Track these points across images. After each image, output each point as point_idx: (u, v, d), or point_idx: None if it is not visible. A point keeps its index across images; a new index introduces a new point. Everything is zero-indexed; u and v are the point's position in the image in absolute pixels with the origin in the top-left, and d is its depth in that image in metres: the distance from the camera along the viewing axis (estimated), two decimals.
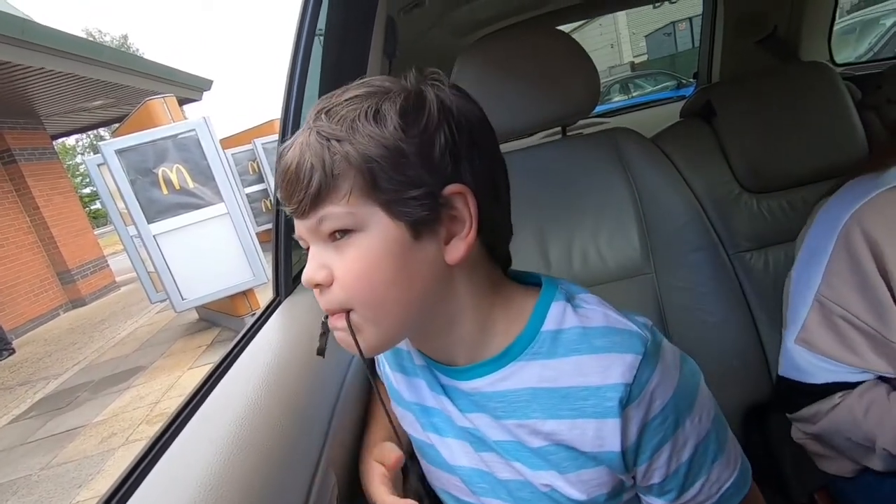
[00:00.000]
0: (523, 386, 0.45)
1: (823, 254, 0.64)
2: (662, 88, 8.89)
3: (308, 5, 0.76)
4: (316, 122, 0.41)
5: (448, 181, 0.41)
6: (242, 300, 3.89)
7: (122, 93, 6.29)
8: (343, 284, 0.42)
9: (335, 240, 0.41)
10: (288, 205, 0.42)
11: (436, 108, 0.41)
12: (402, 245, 0.41)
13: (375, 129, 0.39)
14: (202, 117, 3.49)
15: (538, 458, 0.45)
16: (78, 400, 3.62)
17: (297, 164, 0.40)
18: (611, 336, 0.43)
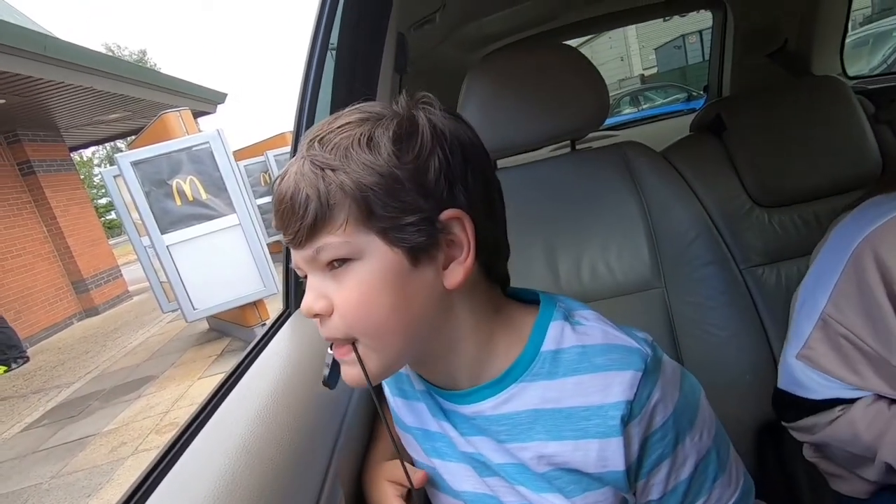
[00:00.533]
0: (525, 408, 0.44)
1: (832, 274, 0.63)
2: (673, 101, 8.88)
3: (321, 21, 0.78)
4: (309, 151, 0.40)
5: (444, 206, 0.41)
6: (252, 310, 3.92)
7: (138, 106, 6.42)
8: (343, 313, 0.41)
9: (333, 269, 0.41)
10: (284, 235, 0.42)
11: (428, 133, 0.41)
12: (400, 272, 0.41)
13: (369, 156, 0.39)
14: (216, 130, 3.55)
15: (542, 482, 0.44)
16: (89, 409, 3.65)
17: (291, 194, 0.40)
18: (610, 353, 0.43)
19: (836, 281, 0.63)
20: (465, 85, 0.88)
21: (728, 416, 0.49)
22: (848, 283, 0.61)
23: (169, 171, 3.50)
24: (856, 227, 0.63)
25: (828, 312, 0.64)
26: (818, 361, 0.63)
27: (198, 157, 3.54)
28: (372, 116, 0.41)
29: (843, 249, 0.63)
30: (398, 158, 0.39)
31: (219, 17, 71.92)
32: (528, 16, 1.58)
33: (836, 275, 0.63)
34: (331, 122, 0.42)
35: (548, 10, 1.56)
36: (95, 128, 7.37)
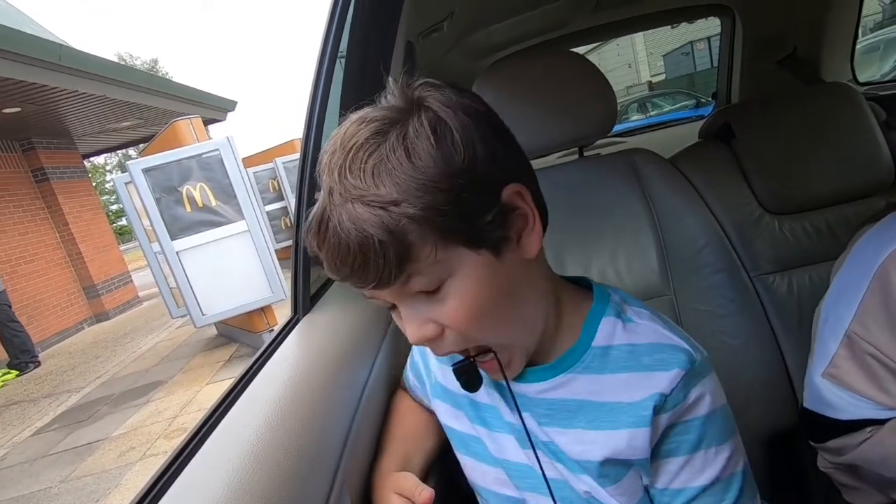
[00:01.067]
0: (572, 397, 0.46)
1: (857, 290, 0.62)
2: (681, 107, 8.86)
3: (331, 29, 0.78)
4: (347, 187, 0.37)
5: (500, 186, 0.40)
6: (260, 316, 3.93)
7: (150, 113, 6.51)
8: (457, 330, 0.41)
9: (427, 293, 0.40)
10: (362, 286, 0.39)
11: (455, 121, 0.38)
12: (491, 269, 0.40)
13: (421, 175, 0.36)
14: (226, 137, 3.59)
15: (577, 465, 0.46)
16: (99, 413, 3.68)
17: (359, 244, 0.36)
18: (658, 353, 0.45)
19: (862, 298, 0.61)
20: (475, 90, 0.89)
21: (738, 425, 0.48)
22: (874, 300, 0.60)
23: (179, 178, 3.54)
24: (879, 242, 0.62)
25: (853, 330, 0.62)
26: (845, 380, 0.62)
27: (208, 164, 3.57)
28: (386, 124, 0.38)
29: (867, 265, 0.62)
30: (448, 164, 0.37)
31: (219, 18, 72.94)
32: (536, 24, 1.59)
33: (860, 291, 0.62)
34: (346, 145, 0.38)
35: (556, 18, 1.57)
36: (108, 135, 7.47)
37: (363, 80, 0.92)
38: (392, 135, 0.38)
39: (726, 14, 1.84)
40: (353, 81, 0.92)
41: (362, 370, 0.66)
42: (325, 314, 0.76)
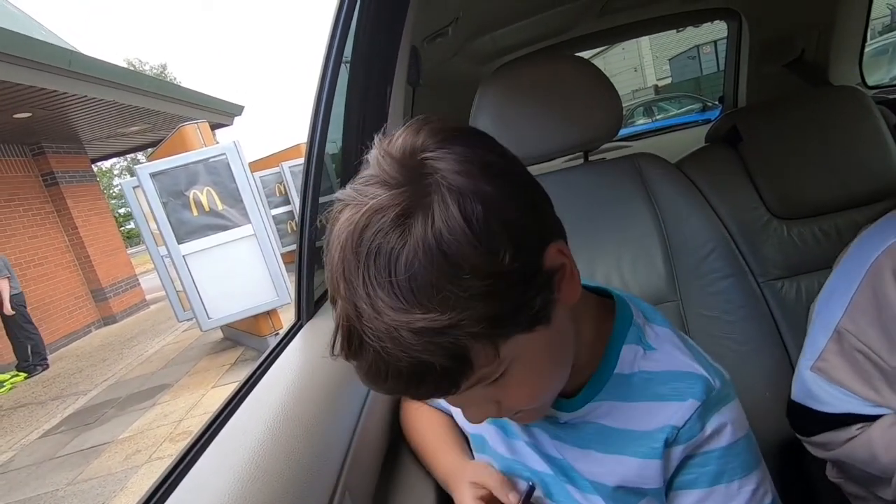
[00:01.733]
0: (591, 421, 0.46)
1: (849, 286, 0.62)
2: (687, 111, 8.83)
3: (336, 33, 0.79)
4: (383, 311, 0.31)
5: (541, 254, 0.36)
6: (266, 320, 3.94)
7: (158, 118, 6.57)
8: (518, 406, 0.41)
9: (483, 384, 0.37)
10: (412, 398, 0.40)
11: (480, 206, 0.32)
12: (546, 340, 0.38)
13: (471, 286, 0.31)
14: (232, 142, 3.62)
15: (589, 486, 0.46)
16: (105, 416, 3.70)
17: (412, 370, 0.32)
18: (674, 382, 0.44)
19: (853, 294, 0.62)
20: (478, 97, 0.88)
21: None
22: (864, 296, 0.60)
23: (186, 182, 3.56)
24: (876, 239, 0.62)
25: (843, 325, 0.63)
26: (832, 374, 0.62)
27: (214, 168, 3.60)
28: (400, 216, 0.32)
29: (861, 262, 0.62)
30: (493, 260, 0.32)
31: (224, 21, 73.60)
32: (541, 29, 1.59)
33: (852, 287, 0.62)
34: (359, 250, 0.32)
35: (561, 22, 1.56)
36: (116, 140, 7.55)
37: (368, 85, 0.92)
38: (415, 231, 0.31)
39: (733, 18, 1.83)
40: (358, 86, 0.92)
41: None
42: (328, 320, 0.76)
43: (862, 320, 0.60)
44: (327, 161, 0.86)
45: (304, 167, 0.82)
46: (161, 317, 6.83)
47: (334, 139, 0.88)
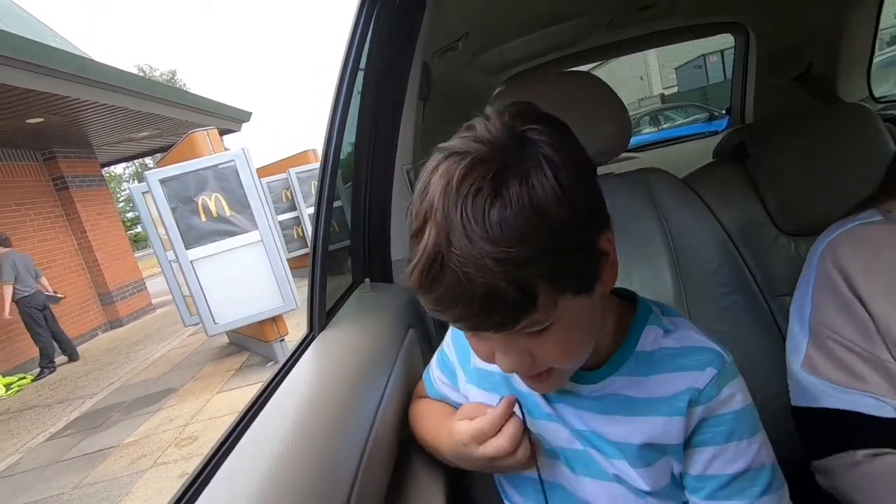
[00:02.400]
0: (616, 393, 0.51)
1: (809, 279, 0.69)
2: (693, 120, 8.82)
3: (352, 45, 0.80)
4: (473, 241, 0.36)
5: (600, 234, 0.43)
6: (271, 326, 3.96)
7: (167, 124, 6.65)
8: (552, 362, 0.45)
9: (530, 332, 0.42)
10: (474, 329, 0.42)
11: (568, 177, 0.38)
12: (587, 310, 0.44)
13: (552, 237, 0.37)
14: (241, 149, 3.65)
15: (614, 449, 0.50)
16: (111, 420, 3.72)
17: (486, 296, 0.37)
18: (694, 355, 0.50)
19: (812, 287, 0.68)
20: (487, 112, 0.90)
21: None
22: (821, 288, 0.66)
23: (195, 188, 3.60)
24: (824, 237, 0.70)
25: (813, 318, 0.68)
26: (819, 370, 0.65)
27: (223, 174, 3.63)
28: (500, 168, 0.37)
29: (813, 257, 0.70)
30: (573, 224, 0.38)
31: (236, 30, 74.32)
32: (549, 42, 1.60)
33: (811, 281, 0.69)
34: (460, 188, 0.37)
35: (569, 36, 1.58)
36: (126, 145, 7.63)
37: (381, 100, 0.93)
38: (513, 183, 0.37)
39: (739, 31, 1.84)
40: (371, 101, 0.93)
41: (375, 391, 0.67)
42: (340, 331, 0.77)
43: (827, 310, 0.65)
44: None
45: (320, 176, 0.83)
46: (167, 321, 6.87)
47: (346, 143, 0.89)
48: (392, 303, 0.93)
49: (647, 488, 0.49)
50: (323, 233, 0.80)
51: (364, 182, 0.98)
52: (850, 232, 0.66)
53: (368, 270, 1.00)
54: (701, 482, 0.49)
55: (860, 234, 0.65)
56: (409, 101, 0.95)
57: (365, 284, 0.96)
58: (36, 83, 4.17)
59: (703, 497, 0.49)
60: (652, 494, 0.50)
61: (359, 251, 1.00)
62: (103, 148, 7.40)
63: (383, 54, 0.90)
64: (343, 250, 1.09)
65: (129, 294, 7.51)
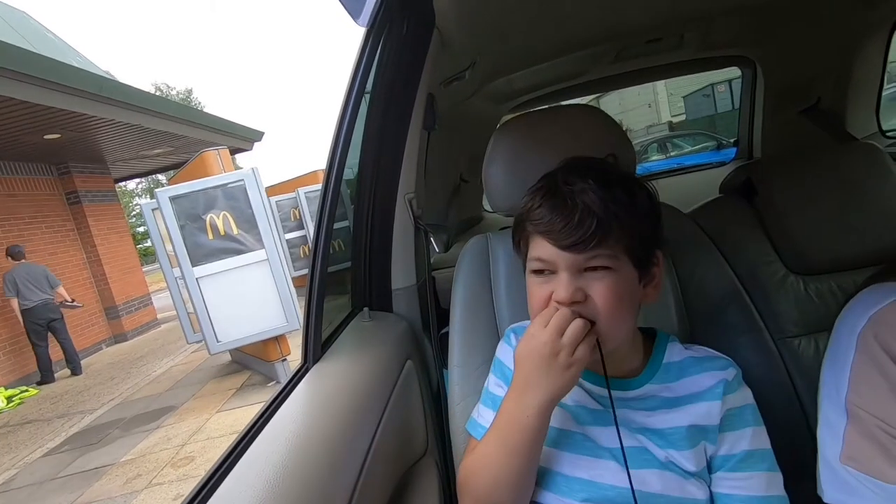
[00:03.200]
0: (654, 395, 0.63)
1: (846, 358, 0.61)
2: (702, 148, 8.84)
3: (357, 73, 0.80)
4: (585, 185, 0.56)
5: (658, 247, 0.62)
6: (274, 345, 3.94)
7: (181, 142, 6.76)
8: (597, 304, 0.56)
9: (592, 270, 0.57)
10: (565, 242, 0.56)
11: (655, 199, 0.62)
12: (634, 285, 0.59)
13: (638, 203, 0.58)
14: (251, 168, 3.69)
15: (664, 439, 0.60)
16: (109, 437, 3.68)
17: (580, 215, 0.55)
18: (716, 360, 0.65)
19: (850, 365, 0.60)
20: (492, 142, 0.89)
21: None
22: (862, 367, 0.58)
23: (204, 206, 3.63)
24: (860, 309, 0.62)
25: (851, 399, 0.59)
26: (866, 464, 0.55)
27: (232, 193, 3.67)
28: (615, 169, 0.62)
29: (850, 333, 0.61)
30: (649, 213, 0.59)
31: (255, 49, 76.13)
32: (557, 72, 1.61)
33: (849, 359, 0.60)
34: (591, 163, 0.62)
35: (576, 67, 1.59)
36: (140, 161, 7.76)
37: (384, 129, 0.93)
38: (620, 176, 0.60)
39: (747, 65, 1.85)
40: (374, 129, 0.93)
41: (369, 425, 0.65)
42: (334, 363, 0.76)
43: (873, 395, 0.57)
44: (342, 187, 0.86)
45: (320, 202, 0.82)
46: (171, 337, 6.87)
47: (351, 164, 0.89)
48: (390, 333, 0.91)
49: (692, 469, 0.59)
50: (321, 260, 0.79)
51: (366, 210, 0.98)
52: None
53: (368, 299, 0.99)
54: (727, 459, 0.61)
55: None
56: (413, 130, 0.95)
57: (363, 313, 0.95)
58: (58, 101, 4.28)
59: (728, 469, 0.61)
60: (693, 475, 0.59)
61: (359, 279, 0.99)
62: (117, 164, 7.53)
63: (389, 83, 0.90)
64: (345, 271, 1.08)
65: (136, 309, 7.53)
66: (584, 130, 0.87)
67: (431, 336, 1.00)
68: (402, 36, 0.87)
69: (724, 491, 0.61)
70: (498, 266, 0.86)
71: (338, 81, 1.91)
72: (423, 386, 0.93)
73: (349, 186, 1.01)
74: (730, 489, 0.60)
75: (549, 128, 0.86)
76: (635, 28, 1.35)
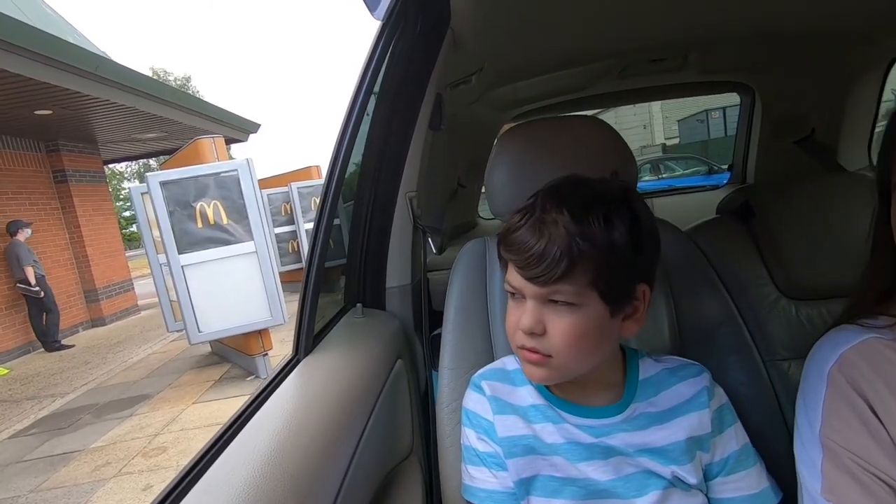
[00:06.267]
0: (643, 412, 0.62)
1: (818, 393, 0.61)
2: (693, 172, 8.98)
3: (368, 70, 0.80)
4: (559, 216, 0.53)
5: (641, 281, 0.57)
6: (256, 339, 3.89)
7: (175, 128, 6.68)
8: (554, 340, 0.55)
9: (554, 303, 0.55)
10: (527, 273, 0.54)
11: (645, 229, 0.56)
12: (602, 320, 0.56)
13: (613, 237, 0.53)
14: (245, 159, 3.66)
15: (663, 457, 0.60)
16: (80, 422, 3.59)
17: (544, 249, 0.53)
18: (687, 367, 0.66)
19: (823, 400, 0.60)
20: (496, 150, 0.89)
21: None
22: (834, 405, 0.58)
23: (195, 194, 3.58)
24: (827, 349, 0.62)
25: (826, 434, 0.60)
26: (843, 496, 0.55)
27: (224, 182, 3.62)
28: (602, 195, 0.56)
29: (822, 368, 0.62)
30: (625, 248, 0.54)
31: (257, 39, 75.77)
32: (561, 84, 1.63)
33: (821, 394, 0.61)
34: (573, 188, 0.57)
35: (581, 80, 1.61)
36: (131, 144, 7.65)
37: (391, 127, 0.93)
38: (604, 205, 0.54)
39: (747, 92, 1.88)
40: (381, 128, 0.93)
41: (358, 422, 0.64)
42: (326, 356, 0.75)
43: (839, 426, 0.57)
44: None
45: (322, 195, 0.81)
46: (151, 324, 6.75)
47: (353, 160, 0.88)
48: (383, 331, 0.90)
49: (693, 482, 0.60)
50: (319, 253, 0.78)
51: (366, 205, 0.97)
52: (866, 345, 0.60)
53: (362, 295, 0.98)
54: (723, 465, 0.62)
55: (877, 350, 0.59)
56: (420, 129, 0.95)
57: (356, 309, 0.94)
58: (52, 77, 4.20)
59: (725, 474, 0.62)
60: (694, 487, 0.61)
61: (354, 275, 0.98)
62: (108, 145, 7.41)
63: (399, 80, 0.90)
64: (336, 268, 1.07)
65: (116, 293, 7.39)
66: (589, 142, 0.88)
67: (423, 336, 0.99)
68: (415, 32, 0.87)
69: (724, 496, 0.62)
70: (494, 270, 0.86)
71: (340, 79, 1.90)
72: (412, 386, 0.92)
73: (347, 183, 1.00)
74: (730, 492, 0.62)
75: (555, 137, 0.86)
76: (641, 46, 1.36)
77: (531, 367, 0.58)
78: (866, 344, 0.59)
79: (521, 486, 0.63)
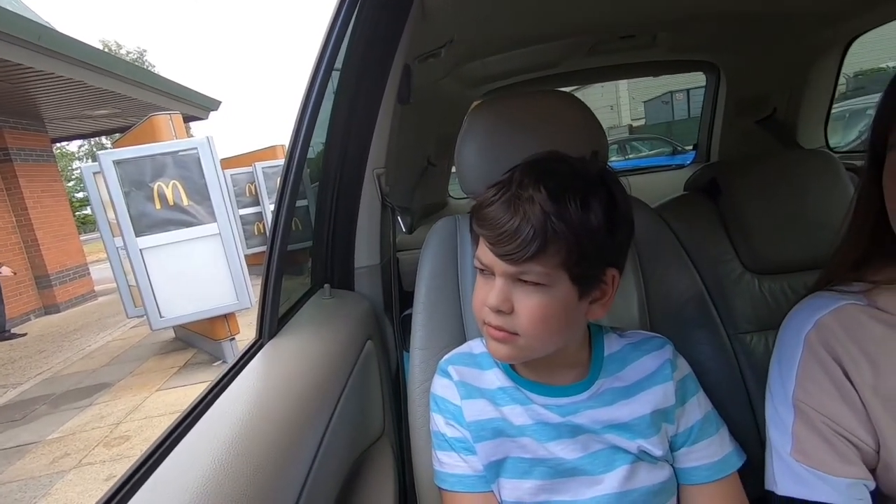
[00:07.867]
0: (608, 388, 0.63)
1: (792, 359, 0.62)
2: (658, 153, 9.17)
3: (329, 41, 0.76)
4: (536, 193, 0.52)
5: (611, 264, 0.57)
6: (222, 323, 3.79)
7: (129, 104, 6.34)
8: (522, 319, 0.55)
9: (523, 282, 0.54)
10: (498, 250, 0.53)
11: (622, 212, 0.55)
12: (570, 302, 0.55)
13: (586, 218, 0.52)
14: (206, 137, 3.50)
15: (629, 431, 0.61)
16: (35, 413, 3.44)
17: (518, 226, 0.52)
18: (649, 341, 0.67)
19: (798, 364, 0.62)
20: (466, 124, 0.87)
21: None
22: (809, 368, 0.60)
23: (152, 174, 3.42)
24: (805, 314, 0.64)
25: (798, 397, 0.61)
26: (814, 457, 0.58)
27: (184, 162, 3.47)
28: (581, 175, 0.55)
29: (798, 333, 0.63)
30: (599, 231, 0.53)
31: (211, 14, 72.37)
32: (530, 60, 1.60)
33: (796, 358, 0.62)
34: (550, 167, 0.56)
35: (551, 57, 1.59)
36: (81, 121, 7.22)
37: (356, 99, 0.89)
38: (582, 186, 0.54)
39: (712, 71, 1.91)
40: (346, 98, 0.89)
41: (327, 405, 0.62)
42: (292, 339, 0.72)
43: (813, 390, 0.59)
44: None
45: (283, 172, 0.78)
46: (109, 311, 6.48)
47: (315, 143, 0.85)
48: (351, 312, 0.88)
49: (659, 454, 0.61)
50: (282, 232, 0.75)
51: (333, 183, 0.93)
52: (843, 311, 0.61)
53: (329, 276, 0.95)
54: (687, 435, 0.64)
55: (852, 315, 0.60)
56: (387, 103, 0.91)
57: (324, 290, 0.91)
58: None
59: (690, 444, 0.64)
60: (660, 459, 0.62)
61: (320, 255, 0.95)
62: (55, 122, 6.98)
63: (363, 52, 0.86)
64: (303, 251, 1.04)
65: (70, 279, 7.05)
66: (562, 118, 0.86)
67: (394, 317, 0.97)
68: (379, 3, 0.82)
69: (689, 465, 0.64)
70: (465, 248, 0.85)
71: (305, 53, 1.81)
72: (383, 367, 0.90)
73: (312, 163, 0.96)
74: (695, 461, 0.64)
75: (528, 112, 0.84)
76: (612, 22, 1.35)
77: (496, 344, 0.57)
78: (842, 310, 0.60)
79: (490, 469, 0.63)
